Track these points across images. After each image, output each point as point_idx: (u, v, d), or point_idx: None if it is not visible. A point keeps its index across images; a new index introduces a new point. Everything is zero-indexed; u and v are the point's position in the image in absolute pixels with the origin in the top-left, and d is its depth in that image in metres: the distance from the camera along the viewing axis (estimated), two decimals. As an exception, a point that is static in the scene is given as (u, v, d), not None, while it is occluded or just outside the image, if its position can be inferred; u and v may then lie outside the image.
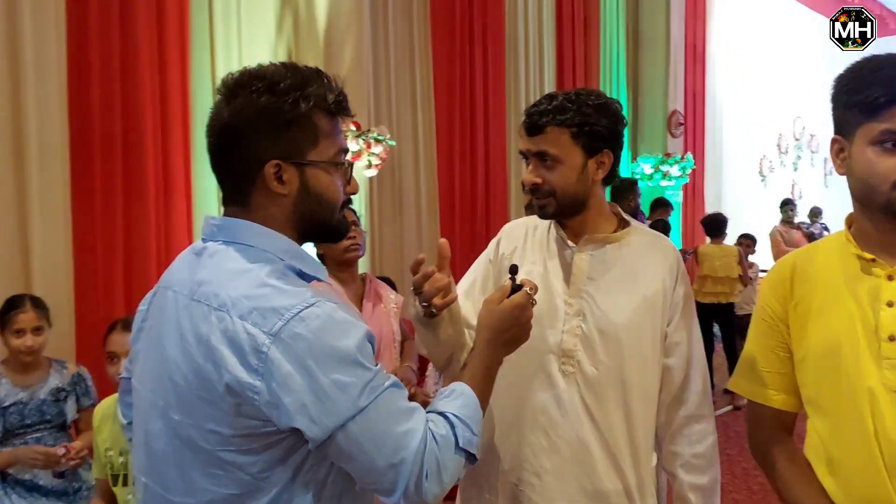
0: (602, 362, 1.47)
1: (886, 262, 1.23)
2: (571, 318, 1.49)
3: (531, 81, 6.11)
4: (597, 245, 1.53)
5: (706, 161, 8.36)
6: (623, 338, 1.47)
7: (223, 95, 1.07)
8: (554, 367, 1.48)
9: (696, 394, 1.52)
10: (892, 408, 1.18)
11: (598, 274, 1.51)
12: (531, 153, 1.48)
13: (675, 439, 1.52)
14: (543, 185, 1.47)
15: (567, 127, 1.45)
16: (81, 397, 2.64)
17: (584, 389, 1.47)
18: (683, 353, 1.52)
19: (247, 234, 1.06)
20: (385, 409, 0.98)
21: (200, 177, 3.89)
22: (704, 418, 1.52)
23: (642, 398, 1.49)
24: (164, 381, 1.04)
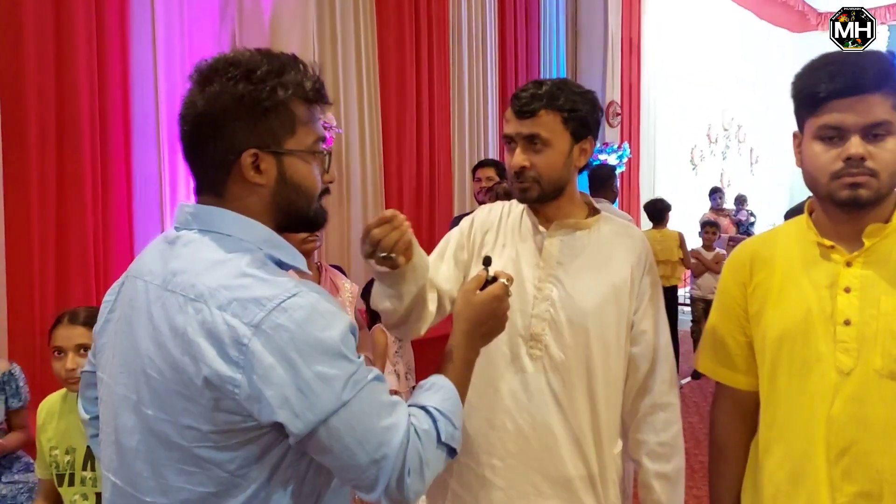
0: (569, 347, 1.47)
1: (845, 249, 1.27)
2: (540, 302, 1.49)
3: (474, 70, 6.13)
4: (568, 231, 1.53)
5: (641, 150, 8.56)
6: (590, 323, 1.48)
7: (196, 82, 1.02)
8: (522, 351, 1.49)
9: (661, 382, 1.53)
10: (842, 390, 1.23)
11: (567, 259, 1.52)
12: (521, 136, 1.47)
13: (641, 427, 1.53)
14: (530, 169, 1.47)
15: (559, 111, 1.46)
16: (10, 398, 2.46)
17: (552, 374, 1.48)
18: (649, 341, 1.53)
19: (224, 223, 1.02)
20: (368, 403, 0.95)
21: (141, 167, 3.77)
22: (670, 406, 1.53)
23: (607, 385, 1.50)
24: (137, 374, 1.00)
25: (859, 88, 1.18)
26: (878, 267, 1.24)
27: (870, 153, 1.19)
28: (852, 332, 1.24)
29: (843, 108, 1.19)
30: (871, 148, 1.19)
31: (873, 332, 1.22)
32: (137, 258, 1.13)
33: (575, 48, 7.76)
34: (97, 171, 3.54)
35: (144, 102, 3.79)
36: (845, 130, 1.20)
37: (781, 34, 12.51)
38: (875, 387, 1.21)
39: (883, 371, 1.21)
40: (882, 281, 1.23)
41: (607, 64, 7.70)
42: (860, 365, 1.22)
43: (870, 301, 1.23)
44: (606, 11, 7.63)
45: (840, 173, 1.21)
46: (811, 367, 1.27)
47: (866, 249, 1.25)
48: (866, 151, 1.19)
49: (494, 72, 6.38)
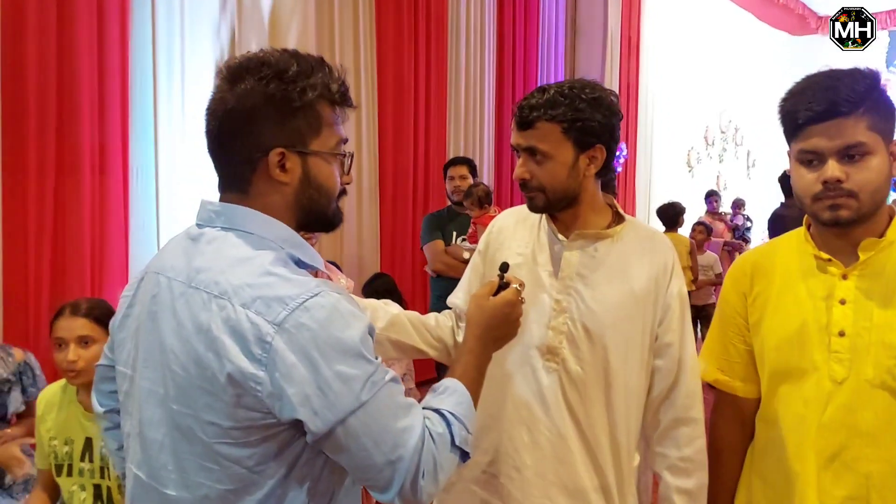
0: (587, 361, 1.44)
1: (841, 262, 1.31)
2: (558, 314, 1.47)
3: (472, 69, 6.13)
4: (588, 241, 1.48)
5: (638, 151, 8.58)
6: (609, 337, 1.44)
7: (226, 79, 1.04)
8: (538, 363, 1.47)
9: (685, 396, 1.47)
10: (834, 398, 1.28)
11: (587, 270, 1.47)
12: (521, 148, 1.44)
13: (663, 441, 1.49)
14: (532, 181, 1.44)
15: (558, 122, 1.40)
16: (28, 388, 2.43)
17: (568, 386, 1.45)
18: (674, 354, 1.47)
19: (247, 221, 1.04)
20: (385, 404, 0.97)
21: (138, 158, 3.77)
22: (693, 421, 1.48)
23: (627, 397, 1.46)
24: (163, 369, 1.01)
25: (832, 113, 1.22)
26: (873, 280, 1.28)
27: (847, 175, 1.23)
28: (846, 342, 1.27)
29: (818, 133, 1.24)
30: (849, 169, 1.23)
31: (866, 344, 1.26)
32: (158, 254, 1.14)
33: (574, 48, 7.75)
34: (95, 161, 3.54)
35: (143, 94, 3.79)
36: (822, 154, 1.24)
37: (781, 37, 12.53)
38: (866, 396, 1.25)
39: (874, 381, 1.25)
40: (876, 294, 1.27)
41: (606, 64, 7.70)
42: (853, 374, 1.27)
43: (863, 313, 1.27)
44: (606, 11, 7.63)
45: (820, 195, 1.26)
46: (806, 375, 1.31)
47: (861, 263, 1.29)
48: (843, 173, 1.23)
49: (492, 71, 6.38)
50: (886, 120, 1.25)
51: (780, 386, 1.36)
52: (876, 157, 1.23)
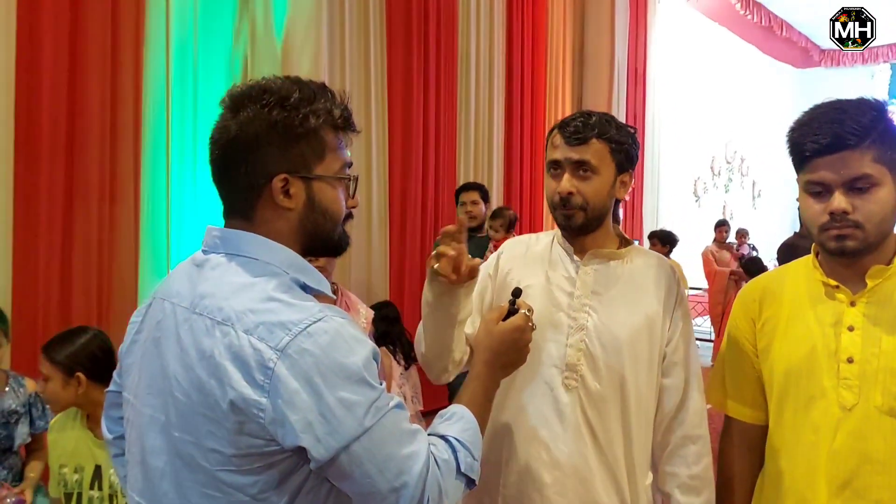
0: (604, 378, 1.47)
1: (849, 288, 1.32)
2: (575, 331, 1.49)
3: (481, 96, 6.19)
4: (602, 260, 1.54)
5: (644, 180, 8.61)
6: (625, 354, 1.47)
7: (228, 108, 1.05)
8: (557, 381, 1.48)
9: (693, 414, 1.51)
10: (844, 425, 1.27)
11: (602, 289, 1.51)
12: (571, 161, 1.48)
13: (672, 460, 1.51)
14: (576, 196, 1.48)
15: (608, 142, 1.48)
16: (37, 420, 2.40)
17: (587, 404, 1.47)
18: (681, 373, 1.52)
19: (251, 247, 1.04)
20: (389, 430, 0.96)
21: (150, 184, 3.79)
22: (700, 439, 1.51)
23: (640, 416, 1.49)
24: (165, 396, 1.01)
25: (839, 146, 1.23)
26: (881, 307, 1.29)
27: (854, 206, 1.24)
28: (854, 369, 1.27)
29: (824, 165, 1.25)
30: (856, 201, 1.24)
31: (874, 370, 1.26)
32: (165, 280, 1.14)
33: (581, 77, 7.82)
34: (105, 188, 3.57)
35: (156, 121, 3.83)
36: (829, 186, 1.25)
37: (785, 69, 12.64)
38: (875, 423, 1.25)
39: (883, 408, 1.25)
40: (884, 321, 1.28)
41: (613, 94, 7.76)
42: (862, 401, 1.26)
43: (872, 340, 1.27)
44: (613, 42, 7.71)
45: (827, 226, 1.27)
46: (815, 401, 1.31)
47: (869, 290, 1.30)
48: (849, 205, 1.24)
49: (501, 99, 6.44)
50: (893, 150, 1.25)
51: (789, 412, 1.36)
52: (882, 189, 1.24)
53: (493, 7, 6.26)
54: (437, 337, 1.45)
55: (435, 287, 1.36)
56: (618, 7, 7.73)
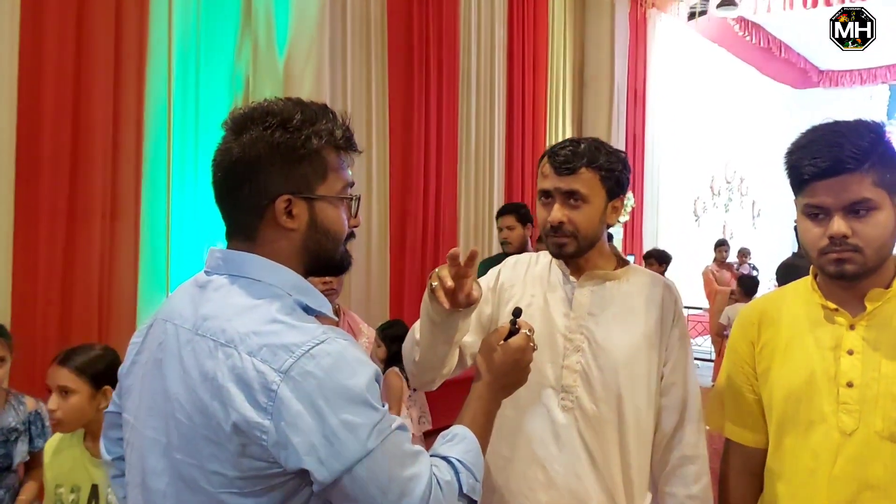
0: (601, 398, 1.47)
1: (848, 312, 1.31)
2: (571, 353, 1.49)
3: (482, 117, 6.22)
4: (598, 281, 1.54)
5: (645, 200, 8.63)
6: (622, 375, 1.47)
7: (231, 130, 1.06)
8: (553, 402, 1.48)
9: (691, 434, 1.51)
10: (844, 450, 1.26)
11: (598, 310, 1.52)
12: (560, 191, 1.50)
13: (671, 480, 1.51)
14: (567, 224, 1.49)
15: (598, 170, 1.49)
16: (36, 438, 2.35)
17: (583, 425, 1.47)
18: (679, 393, 1.52)
19: (254, 268, 1.04)
20: (392, 452, 0.96)
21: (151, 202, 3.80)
22: (699, 459, 1.51)
23: (638, 436, 1.49)
24: (167, 418, 1.01)
25: (837, 170, 1.22)
26: (880, 331, 1.28)
27: (853, 230, 1.23)
28: (854, 393, 1.26)
29: (823, 189, 1.24)
30: (855, 224, 1.23)
31: (874, 395, 1.25)
32: (167, 301, 1.14)
33: (581, 98, 7.87)
34: (107, 207, 3.58)
35: (157, 141, 3.85)
36: (828, 209, 1.24)
37: (784, 90, 12.72)
38: (876, 448, 1.24)
39: (883, 433, 1.23)
40: (883, 344, 1.26)
41: (613, 114, 7.80)
42: (862, 426, 1.25)
43: (871, 364, 1.26)
44: (612, 63, 7.76)
45: (826, 250, 1.26)
46: (815, 426, 1.30)
47: (868, 313, 1.29)
48: (849, 229, 1.23)
49: (502, 121, 6.47)
50: (892, 172, 1.25)
51: (789, 437, 1.35)
52: (882, 213, 1.23)
53: (493, 28, 6.31)
54: (433, 351, 1.44)
55: (434, 307, 1.36)
56: (617, 28, 7.80)
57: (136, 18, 3.68)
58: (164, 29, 3.85)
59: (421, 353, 1.44)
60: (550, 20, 7.15)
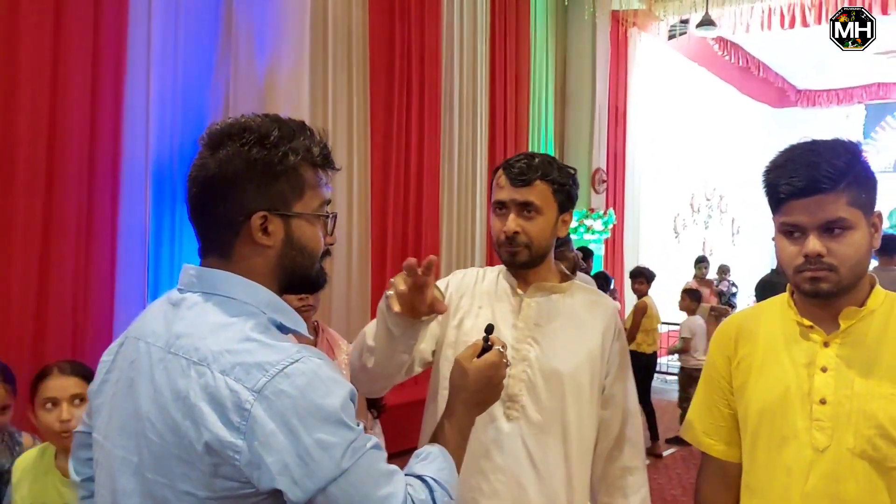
0: (546, 408, 1.51)
1: (823, 329, 1.32)
2: (518, 362, 1.53)
3: (464, 133, 6.25)
4: (545, 293, 1.60)
5: (625, 217, 8.69)
6: (566, 384, 1.52)
7: (207, 146, 1.05)
8: (499, 412, 1.50)
9: (631, 446, 1.59)
10: (817, 467, 1.27)
11: (545, 321, 1.57)
12: (515, 203, 1.55)
13: (611, 491, 1.57)
14: (521, 235, 1.55)
15: (551, 183, 1.56)
16: None
17: (527, 434, 1.50)
18: (619, 405, 1.59)
19: (228, 286, 1.03)
20: (366, 471, 0.95)
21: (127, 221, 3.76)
22: (638, 470, 1.59)
23: (581, 447, 1.53)
24: (138, 437, 0.99)
25: (813, 189, 1.23)
26: (854, 349, 1.29)
27: (828, 249, 1.24)
28: (827, 410, 1.27)
29: (799, 208, 1.25)
30: (830, 244, 1.24)
31: (847, 412, 1.26)
32: (139, 319, 1.13)
33: (563, 116, 7.94)
34: (82, 223, 3.54)
35: (135, 156, 3.82)
36: (804, 228, 1.26)
37: (762, 109, 12.91)
38: (848, 465, 1.24)
39: (855, 450, 1.24)
40: (857, 362, 1.28)
41: (594, 132, 7.88)
42: (834, 443, 1.26)
43: (845, 381, 1.27)
44: (594, 81, 7.85)
45: (801, 268, 1.27)
46: (788, 442, 1.31)
47: (843, 331, 1.30)
48: (824, 248, 1.24)
49: (484, 137, 6.50)
50: (867, 192, 1.27)
51: (762, 452, 1.36)
52: (857, 232, 1.24)
53: (476, 44, 6.36)
54: (390, 360, 1.44)
55: (393, 318, 1.35)
56: (599, 47, 7.88)
57: (114, 30, 3.66)
58: (143, 43, 3.83)
59: (376, 361, 1.44)
60: (533, 38, 7.22)
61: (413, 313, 1.32)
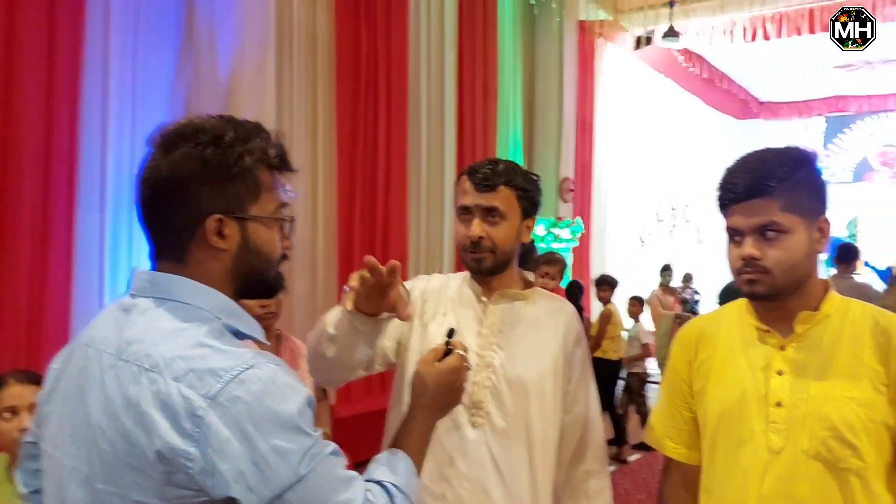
0: (510, 414, 1.52)
1: (779, 333, 1.35)
2: (482, 369, 1.53)
3: (432, 143, 6.23)
4: (508, 300, 1.61)
5: (592, 226, 8.76)
6: (530, 391, 1.53)
7: (159, 147, 1.02)
8: (464, 418, 1.51)
9: (593, 450, 1.61)
10: (773, 468, 1.30)
11: (508, 328, 1.58)
12: (480, 208, 1.56)
13: (575, 495, 1.60)
14: (485, 240, 1.55)
15: (515, 189, 1.57)
16: None
17: (493, 441, 1.51)
18: (582, 410, 1.61)
19: (181, 291, 1.01)
20: (324, 477, 0.94)
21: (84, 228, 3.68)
22: (601, 473, 1.62)
23: (545, 452, 1.55)
24: (88, 446, 0.97)
25: (748, 194, 1.29)
26: (809, 352, 1.32)
27: (762, 252, 1.29)
28: (783, 413, 1.30)
29: (737, 212, 1.32)
30: (765, 247, 1.29)
31: (802, 415, 1.29)
32: (89, 326, 1.10)
33: (531, 124, 7.97)
34: (37, 229, 3.46)
35: (91, 159, 3.74)
36: (742, 231, 1.31)
37: (726, 120, 13.13)
38: (803, 467, 1.27)
39: (810, 452, 1.27)
40: (812, 366, 1.31)
41: (562, 141, 7.93)
42: (789, 445, 1.29)
43: (800, 385, 1.30)
44: (562, 90, 7.90)
45: (741, 270, 1.33)
46: (745, 444, 1.33)
47: (798, 335, 1.33)
48: (758, 251, 1.30)
49: (452, 145, 6.49)
50: (809, 198, 1.31)
51: (720, 454, 1.38)
52: (792, 236, 1.28)
53: (444, 52, 6.36)
54: (350, 354, 1.40)
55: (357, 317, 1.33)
56: (566, 57, 7.95)
57: (69, 33, 3.58)
58: (100, 43, 3.75)
59: (336, 351, 1.40)
60: (501, 46, 7.24)
61: (374, 310, 1.30)
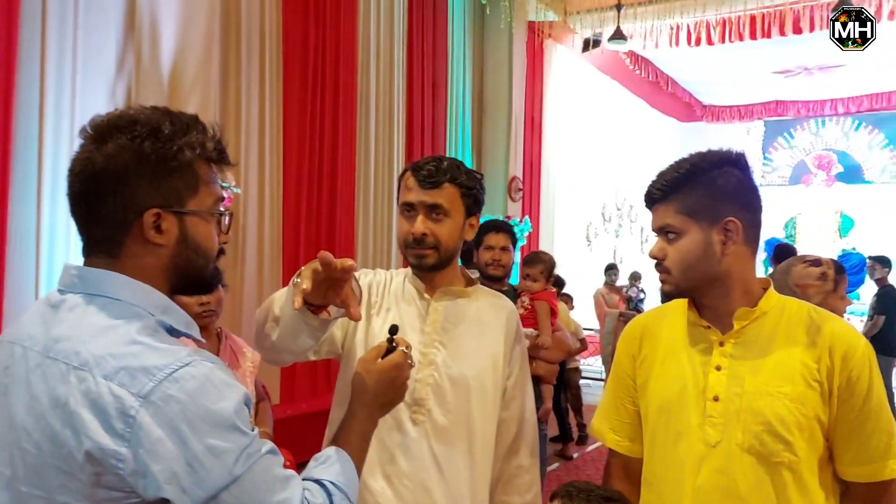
0: (452, 411, 1.53)
1: (719, 329, 1.38)
2: (424, 367, 1.54)
3: (381, 138, 6.20)
4: (451, 297, 1.62)
5: (541, 225, 8.84)
6: (472, 388, 1.55)
7: (92, 139, 0.99)
8: (405, 416, 1.51)
9: (526, 445, 1.64)
10: (708, 461, 1.33)
11: (451, 325, 1.59)
12: (424, 205, 1.56)
13: (507, 489, 1.62)
14: (429, 237, 1.55)
15: (459, 187, 1.58)
16: None
17: (433, 437, 1.51)
18: (519, 406, 1.64)
19: (114, 287, 0.98)
20: (261, 477, 0.92)
21: (19, 219, 3.53)
22: (532, 468, 1.65)
23: (484, 448, 1.57)
24: (11, 448, 0.94)
25: (651, 200, 1.40)
26: (745, 348, 1.35)
27: (665, 253, 1.37)
28: (719, 407, 1.33)
29: (652, 215, 1.41)
30: (667, 248, 1.37)
31: (737, 409, 1.32)
32: (16, 322, 1.06)
33: (480, 123, 8.00)
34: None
35: (27, 152, 3.60)
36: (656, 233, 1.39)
37: (671, 122, 13.43)
38: (737, 460, 1.31)
39: (744, 445, 1.30)
40: (748, 361, 1.34)
41: (511, 140, 7.97)
42: (725, 439, 1.32)
43: (736, 380, 1.33)
44: (511, 90, 7.94)
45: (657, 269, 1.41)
46: (682, 437, 1.36)
47: (736, 331, 1.36)
48: (661, 252, 1.38)
49: (401, 142, 6.48)
50: (710, 201, 1.33)
51: (659, 447, 1.41)
52: (685, 238, 1.35)
53: (393, 50, 6.33)
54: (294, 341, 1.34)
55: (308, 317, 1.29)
56: (515, 57, 7.99)
57: (3, 23, 3.42)
58: (36, 34, 3.61)
59: (280, 335, 1.35)
60: (450, 45, 7.25)
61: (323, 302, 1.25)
